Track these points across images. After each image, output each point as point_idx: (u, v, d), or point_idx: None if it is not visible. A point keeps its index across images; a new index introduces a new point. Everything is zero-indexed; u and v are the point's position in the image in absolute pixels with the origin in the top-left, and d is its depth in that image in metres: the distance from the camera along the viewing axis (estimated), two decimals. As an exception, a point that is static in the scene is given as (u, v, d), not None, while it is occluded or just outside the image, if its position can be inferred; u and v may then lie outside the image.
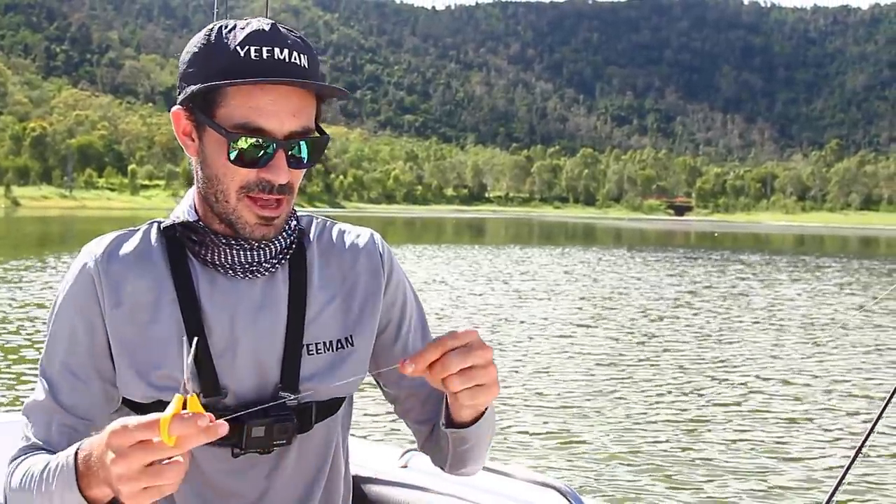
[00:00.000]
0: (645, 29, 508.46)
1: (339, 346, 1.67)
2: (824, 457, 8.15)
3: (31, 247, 38.20)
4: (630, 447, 8.29)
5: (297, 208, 1.68)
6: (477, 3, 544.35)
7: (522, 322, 16.57)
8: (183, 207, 1.64)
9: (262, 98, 1.48)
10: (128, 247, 1.61)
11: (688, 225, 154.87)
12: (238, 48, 1.48)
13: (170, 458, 1.19)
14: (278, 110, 1.49)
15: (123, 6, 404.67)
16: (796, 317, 18.68)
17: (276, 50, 1.49)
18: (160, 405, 1.44)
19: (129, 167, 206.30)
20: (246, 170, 1.51)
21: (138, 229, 1.65)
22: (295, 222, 1.68)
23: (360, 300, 1.71)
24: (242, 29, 1.51)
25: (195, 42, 1.54)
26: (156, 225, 1.65)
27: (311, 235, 1.72)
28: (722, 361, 12.95)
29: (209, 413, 1.19)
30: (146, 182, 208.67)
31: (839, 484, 1.51)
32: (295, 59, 1.50)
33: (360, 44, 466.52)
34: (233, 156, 1.50)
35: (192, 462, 1.48)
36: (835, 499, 1.54)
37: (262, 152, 1.50)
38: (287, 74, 1.48)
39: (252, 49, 1.48)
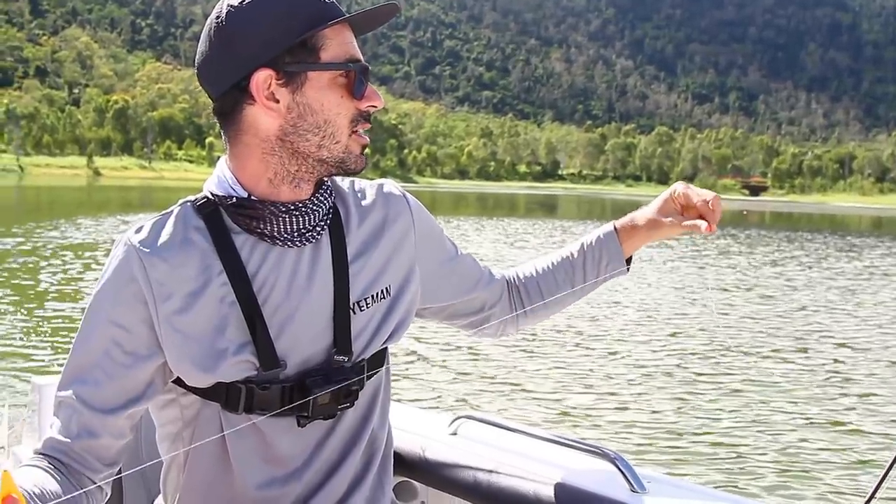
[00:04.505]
0: (729, 5, 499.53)
1: (382, 296, 1.70)
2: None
3: (114, 208, 41.14)
4: (686, 420, 8.25)
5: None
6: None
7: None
8: (221, 182, 1.64)
9: (348, 34, 1.59)
10: (168, 233, 1.59)
11: (762, 205, 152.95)
12: None
13: None
14: (355, 42, 1.60)
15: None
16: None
17: None
18: (220, 386, 1.58)
19: (208, 140, 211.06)
20: (353, 103, 1.58)
21: (171, 212, 1.63)
22: (329, 182, 1.71)
23: (394, 249, 1.75)
24: None
25: (256, 9, 1.53)
26: (188, 204, 1.63)
27: (339, 195, 1.74)
28: (786, 341, 12.81)
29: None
30: (224, 154, 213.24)
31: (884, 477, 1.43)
32: None
33: (441, 19, 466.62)
34: (358, 89, 1.58)
35: (255, 430, 1.61)
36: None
37: (366, 81, 1.60)
38: (341, 9, 1.60)
39: None
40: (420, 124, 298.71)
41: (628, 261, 1.94)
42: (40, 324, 11.64)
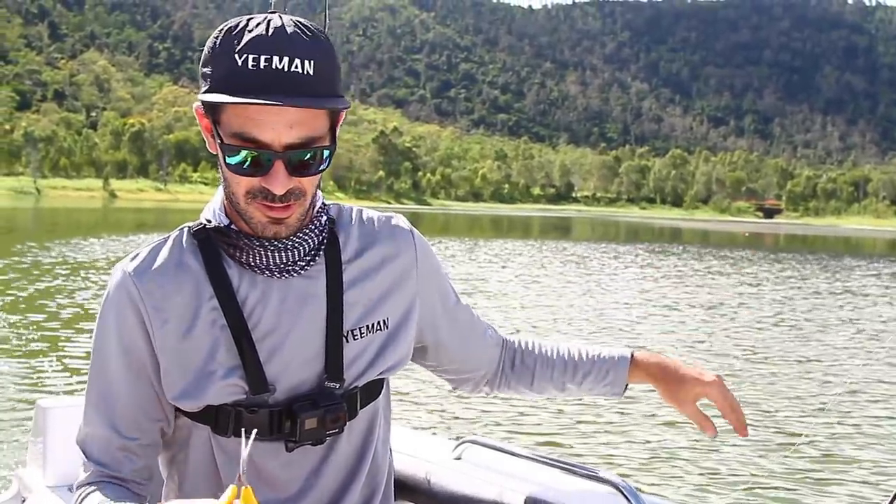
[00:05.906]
0: (744, 28, 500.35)
1: (378, 328, 1.69)
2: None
3: (129, 229, 41.24)
4: (692, 445, 8.15)
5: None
6: (573, 2, 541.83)
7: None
8: (213, 208, 1.64)
9: (258, 111, 1.44)
10: (162, 259, 1.61)
11: (776, 227, 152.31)
12: (237, 56, 1.43)
13: None
14: (274, 122, 1.45)
15: (224, 5, 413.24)
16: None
17: (276, 59, 1.42)
18: (210, 410, 1.59)
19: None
20: (248, 178, 1.50)
21: (169, 237, 1.64)
22: (325, 217, 1.67)
23: (394, 282, 1.73)
24: (249, 31, 1.45)
25: (209, 42, 1.49)
26: (186, 229, 1.64)
27: (343, 225, 1.72)
28: (798, 359, 12.81)
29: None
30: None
31: None
32: (296, 67, 1.43)
33: (456, 42, 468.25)
34: (231, 166, 1.49)
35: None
36: None
37: (258, 164, 1.48)
38: (283, 86, 1.42)
39: (250, 58, 1.43)
40: (435, 147, 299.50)
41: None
42: (39, 344, 11.61)
